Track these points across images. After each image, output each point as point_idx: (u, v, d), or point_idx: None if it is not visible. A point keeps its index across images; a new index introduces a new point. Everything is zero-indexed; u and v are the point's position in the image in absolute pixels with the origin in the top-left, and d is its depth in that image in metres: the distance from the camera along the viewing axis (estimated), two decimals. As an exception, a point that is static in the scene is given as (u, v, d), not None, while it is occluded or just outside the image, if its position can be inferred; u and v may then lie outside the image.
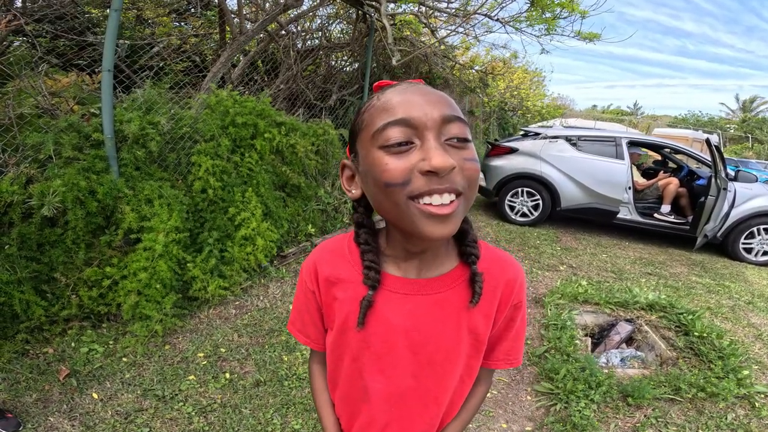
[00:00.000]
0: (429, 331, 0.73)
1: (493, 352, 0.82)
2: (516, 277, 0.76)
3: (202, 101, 2.96)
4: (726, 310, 3.51)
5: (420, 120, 0.56)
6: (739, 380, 2.46)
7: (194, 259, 2.82)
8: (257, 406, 2.16)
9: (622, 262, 4.66)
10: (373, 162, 0.59)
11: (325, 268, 0.77)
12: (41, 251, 2.42)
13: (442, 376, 0.76)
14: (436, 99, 0.59)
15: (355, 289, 0.73)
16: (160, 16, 4.01)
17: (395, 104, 0.58)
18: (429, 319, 0.72)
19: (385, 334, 0.73)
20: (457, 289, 0.73)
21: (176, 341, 2.56)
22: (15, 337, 2.30)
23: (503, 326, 0.80)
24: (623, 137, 5.54)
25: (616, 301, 3.26)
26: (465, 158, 0.58)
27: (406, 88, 0.61)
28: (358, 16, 4.64)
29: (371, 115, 0.61)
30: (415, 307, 0.72)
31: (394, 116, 0.57)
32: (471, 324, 0.74)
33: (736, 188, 4.90)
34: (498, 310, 0.76)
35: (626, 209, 5.38)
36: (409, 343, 0.73)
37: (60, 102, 2.49)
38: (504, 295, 0.75)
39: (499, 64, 8.54)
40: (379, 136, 0.58)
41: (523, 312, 0.81)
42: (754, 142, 25.16)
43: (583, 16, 3.53)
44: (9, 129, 2.31)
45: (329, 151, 3.65)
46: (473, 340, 0.75)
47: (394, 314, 0.72)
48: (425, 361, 0.75)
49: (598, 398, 2.33)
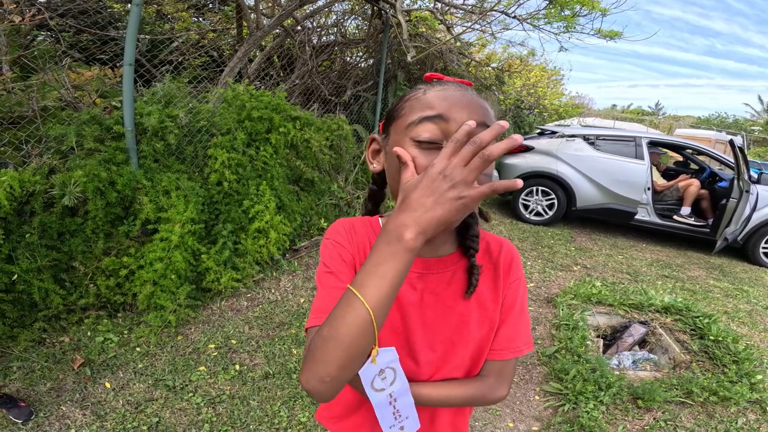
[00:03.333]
0: (441, 310, 0.77)
1: (495, 340, 0.80)
2: (511, 254, 0.81)
3: (219, 95, 3.00)
4: (743, 315, 3.43)
5: (455, 121, 0.61)
6: (753, 385, 2.42)
7: (208, 250, 2.87)
8: (265, 398, 2.19)
9: (638, 264, 4.59)
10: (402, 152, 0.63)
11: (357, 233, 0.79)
12: (61, 240, 2.48)
13: (456, 353, 0.79)
14: (472, 107, 0.63)
15: None
16: (179, 11, 4.06)
17: (434, 104, 0.63)
18: (440, 297, 0.76)
19: (399, 311, 0.76)
20: (461, 271, 0.77)
21: (188, 332, 2.61)
22: (32, 326, 2.37)
23: (504, 308, 0.80)
24: (643, 137, 5.42)
25: (630, 303, 3.21)
26: None
27: (448, 90, 0.65)
28: (374, 12, 4.63)
29: (411, 106, 0.66)
30: (430, 283, 0.76)
31: (432, 112, 0.62)
32: (479, 301, 0.78)
33: (758, 191, 4.77)
34: (502, 289, 0.79)
35: (644, 210, 5.27)
36: (422, 321, 0.77)
37: (82, 95, 2.55)
38: (504, 272, 0.79)
39: (516, 61, 8.42)
40: (413, 129, 0.63)
41: (523, 292, 0.81)
42: None
43: (604, 14, 3.46)
44: (32, 121, 2.38)
45: (343, 146, 3.67)
46: (483, 317, 0.78)
47: (407, 293, 0.75)
48: (440, 340, 0.78)
49: (608, 400, 2.31)
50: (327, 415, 0.97)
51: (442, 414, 0.89)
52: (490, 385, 0.80)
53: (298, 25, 4.04)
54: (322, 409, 0.99)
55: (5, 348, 2.23)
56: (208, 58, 3.74)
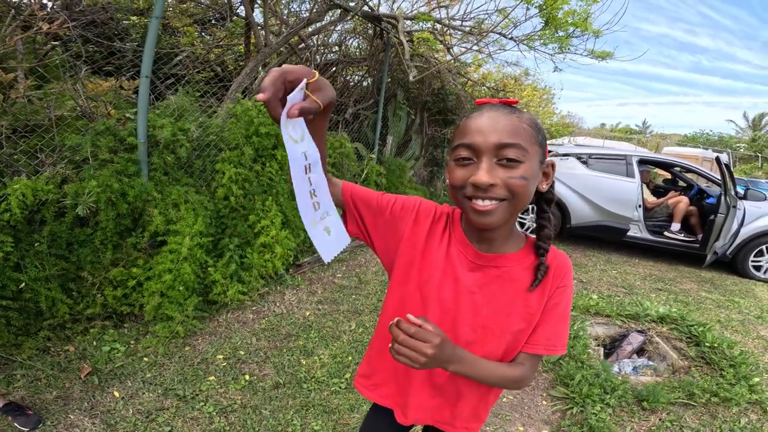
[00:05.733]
0: (489, 298, 0.89)
1: (535, 335, 0.90)
2: (564, 263, 0.92)
3: (228, 110, 3.08)
4: (736, 324, 3.55)
5: (479, 145, 0.77)
6: (751, 387, 2.49)
7: (215, 263, 2.88)
8: (277, 407, 2.18)
9: (632, 278, 4.72)
10: (449, 167, 0.84)
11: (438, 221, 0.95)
12: (70, 250, 2.48)
13: (491, 340, 0.90)
14: (502, 127, 0.77)
15: (441, 243, 0.92)
16: (186, 26, 4.16)
17: (469, 130, 0.79)
18: (491, 287, 0.89)
19: (453, 291, 0.89)
20: (518, 269, 0.89)
21: (196, 343, 2.60)
22: (38, 334, 2.34)
23: (548, 307, 0.89)
24: (633, 155, 5.62)
25: (627, 314, 3.30)
26: (510, 176, 0.76)
27: (480, 117, 0.79)
28: (375, 32, 4.82)
29: (455, 133, 0.83)
30: (483, 275, 0.89)
31: (463, 140, 0.79)
32: (526, 299, 0.89)
33: (745, 207, 4.96)
34: (549, 291, 0.90)
35: (636, 227, 5.43)
36: (471, 303, 0.89)
37: (97, 106, 2.60)
38: (553, 277, 0.89)
39: (510, 81, 8.73)
40: (454, 151, 0.81)
41: (568, 297, 0.91)
42: (763, 161, 24.23)
43: (597, 36, 3.69)
44: (48, 130, 2.41)
45: (345, 164, 3.75)
46: (526, 313, 0.89)
47: (464, 275, 0.89)
48: (480, 324, 0.90)
49: (614, 402, 2.36)
50: (365, 383, 1.09)
51: (468, 398, 0.98)
52: (524, 372, 0.90)
53: (302, 43, 4.19)
54: (360, 377, 1.11)
55: (9, 355, 2.19)
56: (212, 73, 3.83)
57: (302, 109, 0.63)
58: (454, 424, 1.02)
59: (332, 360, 2.58)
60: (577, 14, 3.63)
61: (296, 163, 0.67)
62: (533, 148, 0.78)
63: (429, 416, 1.03)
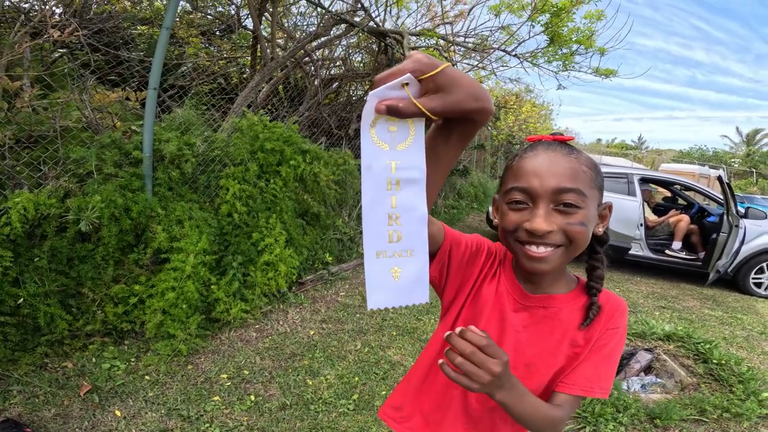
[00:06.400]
0: (535, 337, 0.85)
1: (574, 374, 0.83)
2: (618, 305, 0.87)
3: (233, 124, 3.07)
4: (740, 340, 3.56)
5: (535, 190, 0.73)
6: (761, 401, 2.50)
7: (218, 281, 2.82)
8: (285, 429, 2.10)
9: (635, 296, 4.72)
10: (501, 209, 0.80)
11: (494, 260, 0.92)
12: (70, 265, 2.41)
13: (533, 378, 0.85)
14: (560, 170, 0.73)
15: (492, 281, 0.89)
16: (191, 37, 4.16)
17: (524, 172, 0.75)
18: (537, 327, 0.85)
19: (499, 328, 0.86)
20: (567, 310, 0.85)
21: (198, 361, 2.51)
22: (35, 350, 2.25)
23: (595, 347, 0.84)
24: (635, 174, 5.69)
25: (633, 332, 3.29)
26: (569, 222, 0.73)
27: (540, 152, 0.76)
28: (380, 47, 4.91)
29: (508, 174, 0.80)
30: (529, 315, 0.86)
31: (518, 183, 0.75)
32: (573, 339, 0.84)
33: (746, 225, 5.05)
34: (598, 333, 0.85)
35: (638, 245, 5.46)
36: (515, 342, 0.85)
37: (103, 117, 2.57)
38: (606, 319, 0.85)
39: (511, 98, 8.85)
40: (507, 194, 0.78)
41: (618, 339, 0.85)
42: (758, 177, 24.43)
43: (602, 54, 3.79)
44: (53, 141, 2.37)
45: (348, 181, 3.75)
46: (571, 353, 0.85)
47: (510, 314, 0.86)
48: (523, 363, 0.85)
49: (626, 420, 2.32)
50: (394, 415, 1.04)
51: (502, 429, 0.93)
52: (562, 415, 0.81)
53: (306, 56, 4.23)
54: (390, 407, 1.06)
55: (6, 371, 2.11)
56: (216, 85, 3.83)
57: (391, 108, 0.52)
58: None
59: (339, 381, 2.51)
60: (581, 32, 3.74)
61: (371, 173, 0.54)
62: (592, 192, 0.76)
63: None
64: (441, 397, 0.95)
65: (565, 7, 3.55)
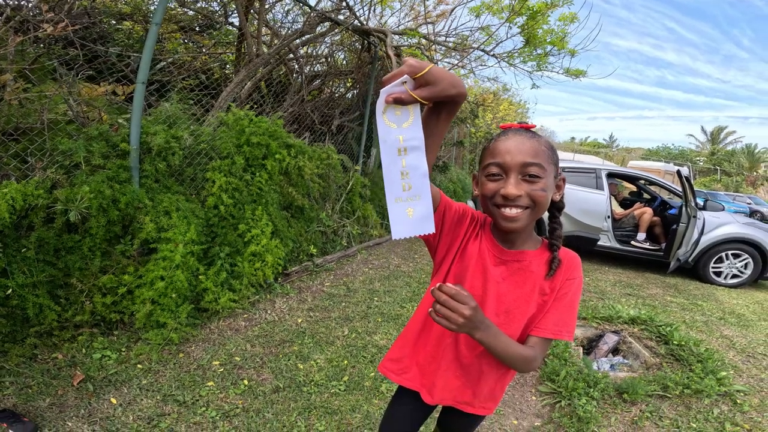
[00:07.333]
0: (512, 286, 1.04)
1: (544, 320, 1.03)
2: (573, 259, 1.07)
3: (219, 118, 3.10)
4: (700, 324, 3.83)
5: (507, 164, 0.93)
6: (719, 380, 2.71)
7: (206, 271, 2.86)
8: (280, 410, 2.18)
9: (603, 285, 4.99)
10: (481, 181, 1.00)
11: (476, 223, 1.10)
12: (57, 256, 2.41)
13: (512, 323, 1.04)
14: (525, 148, 0.93)
15: (475, 241, 1.08)
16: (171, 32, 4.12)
17: (498, 150, 0.95)
18: (513, 278, 1.04)
19: (482, 280, 1.05)
20: (536, 263, 1.04)
21: (189, 350, 2.56)
22: (24, 341, 2.25)
23: (558, 296, 1.03)
24: (602, 169, 5.97)
25: (601, 317, 3.51)
26: (533, 189, 0.93)
27: (508, 140, 0.95)
28: (363, 45, 4.98)
29: (486, 152, 0.99)
30: (507, 268, 1.04)
31: (494, 159, 0.95)
32: (541, 288, 1.03)
33: (705, 216, 5.34)
34: (559, 283, 1.04)
35: (606, 237, 5.75)
36: (497, 291, 1.04)
37: (89, 111, 2.57)
38: (564, 270, 1.04)
39: (489, 96, 9.09)
40: (486, 168, 0.97)
41: (576, 289, 1.04)
42: (722, 174, 25.26)
43: (573, 55, 4.01)
44: (40, 133, 2.36)
45: (331, 175, 3.83)
46: (540, 300, 1.04)
47: (491, 268, 1.04)
48: (504, 309, 1.04)
49: (597, 395, 2.51)
50: (392, 368, 1.22)
51: (488, 378, 1.12)
52: (534, 355, 1.01)
53: (290, 53, 4.27)
54: (389, 361, 1.23)
55: (-3, 363, 2.10)
56: (197, 82, 3.83)
57: (396, 99, 0.74)
58: (473, 403, 1.14)
59: (329, 364, 2.61)
60: (555, 33, 3.95)
61: (386, 145, 0.77)
62: (550, 166, 0.96)
63: (451, 397, 1.14)
64: (435, 348, 1.12)
65: (540, 10, 3.75)
